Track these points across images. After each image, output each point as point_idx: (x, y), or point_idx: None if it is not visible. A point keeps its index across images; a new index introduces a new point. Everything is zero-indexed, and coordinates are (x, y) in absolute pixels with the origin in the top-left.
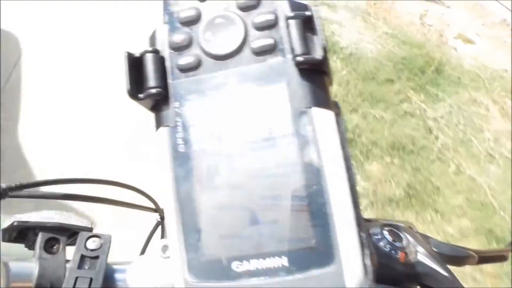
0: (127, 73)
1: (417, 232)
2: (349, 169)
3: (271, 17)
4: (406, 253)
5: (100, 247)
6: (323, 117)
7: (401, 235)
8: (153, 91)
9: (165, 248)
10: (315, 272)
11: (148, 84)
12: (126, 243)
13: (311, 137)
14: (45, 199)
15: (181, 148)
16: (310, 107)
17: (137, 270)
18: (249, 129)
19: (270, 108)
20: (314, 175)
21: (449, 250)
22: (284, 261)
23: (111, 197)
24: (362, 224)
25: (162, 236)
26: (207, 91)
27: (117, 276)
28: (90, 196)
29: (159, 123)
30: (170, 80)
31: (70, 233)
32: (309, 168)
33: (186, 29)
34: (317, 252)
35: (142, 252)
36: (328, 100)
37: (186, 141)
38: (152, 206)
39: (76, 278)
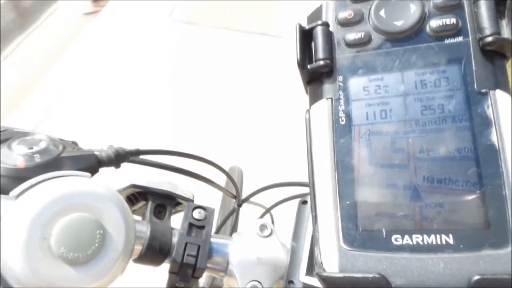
0: (298, 44)
1: None
2: None
3: None
4: None
5: (205, 218)
6: (505, 100)
7: None
8: (322, 62)
9: (263, 227)
10: (486, 252)
11: (317, 56)
12: None
13: (492, 119)
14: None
15: (342, 121)
16: (494, 89)
17: (237, 246)
18: (418, 108)
19: (442, 88)
20: (492, 157)
21: None
22: (449, 239)
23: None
24: None
25: (235, 224)
26: (374, 67)
27: (218, 248)
28: (193, 172)
29: (319, 96)
30: (336, 54)
31: (175, 202)
32: (488, 149)
33: (357, 6)
34: (490, 233)
35: (216, 232)
36: (509, 84)
37: (348, 115)
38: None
39: (186, 243)
